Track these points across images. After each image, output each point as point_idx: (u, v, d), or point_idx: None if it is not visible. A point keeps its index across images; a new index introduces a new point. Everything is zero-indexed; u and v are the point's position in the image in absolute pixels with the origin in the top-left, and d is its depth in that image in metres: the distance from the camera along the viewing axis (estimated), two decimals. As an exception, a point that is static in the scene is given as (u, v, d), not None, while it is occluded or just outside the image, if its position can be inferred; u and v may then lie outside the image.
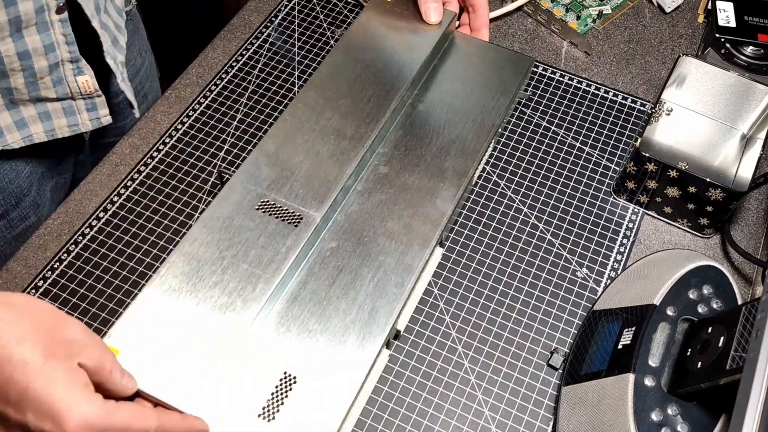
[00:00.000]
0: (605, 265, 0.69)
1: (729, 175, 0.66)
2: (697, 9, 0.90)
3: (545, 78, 0.83)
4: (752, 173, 0.66)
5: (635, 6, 0.91)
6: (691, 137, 0.69)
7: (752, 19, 0.83)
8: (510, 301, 0.67)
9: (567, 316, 0.66)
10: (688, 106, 0.71)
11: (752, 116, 0.70)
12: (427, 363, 0.63)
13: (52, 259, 0.68)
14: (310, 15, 0.88)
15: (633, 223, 0.72)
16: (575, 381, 0.59)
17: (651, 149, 0.68)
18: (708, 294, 0.60)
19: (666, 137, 0.69)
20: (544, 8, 0.88)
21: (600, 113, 0.80)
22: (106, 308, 0.65)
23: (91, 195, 0.73)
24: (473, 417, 0.61)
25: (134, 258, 0.68)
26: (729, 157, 0.67)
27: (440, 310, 0.66)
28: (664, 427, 0.54)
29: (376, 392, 0.61)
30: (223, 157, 0.75)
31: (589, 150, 0.77)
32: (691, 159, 0.67)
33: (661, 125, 0.69)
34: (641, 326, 0.58)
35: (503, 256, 0.69)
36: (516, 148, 0.77)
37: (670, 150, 0.68)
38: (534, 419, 0.61)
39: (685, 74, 0.73)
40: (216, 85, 0.81)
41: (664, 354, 0.57)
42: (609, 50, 0.86)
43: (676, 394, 0.55)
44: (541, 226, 0.72)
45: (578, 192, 0.74)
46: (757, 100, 0.71)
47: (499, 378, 0.63)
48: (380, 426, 0.60)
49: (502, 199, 0.73)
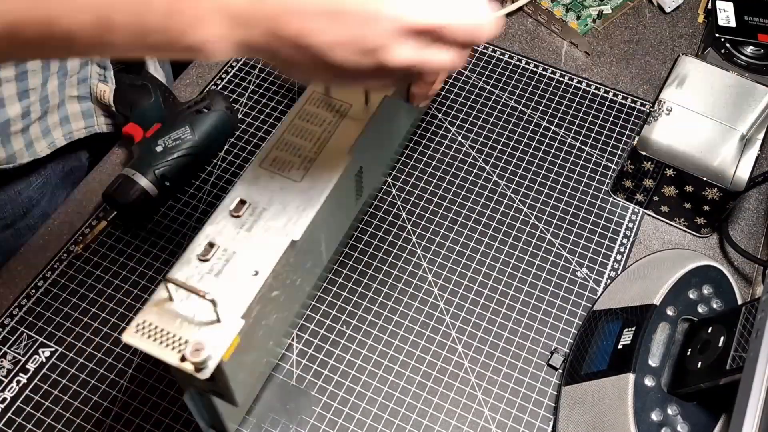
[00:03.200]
0: (605, 265, 0.69)
1: (727, 174, 0.66)
2: (697, 9, 0.90)
3: (545, 78, 0.83)
4: (750, 173, 0.66)
5: (635, 6, 0.91)
6: (690, 137, 0.69)
7: (752, 19, 0.83)
8: (510, 301, 0.67)
9: (567, 316, 0.66)
10: (687, 105, 0.71)
11: (751, 116, 0.70)
12: (427, 363, 0.63)
13: (52, 259, 0.68)
14: (310, 15, 0.88)
15: (633, 223, 0.72)
16: (575, 381, 0.59)
17: (649, 148, 0.68)
18: (708, 294, 0.60)
19: (664, 136, 0.69)
20: (544, 8, 0.88)
21: (600, 113, 0.80)
22: (106, 308, 0.65)
23: (91, 195, 0.73)
24: (473, 417, 0.61)
25: (134, 258, 0.68)
26: (728, 157, 0.67)
27: (440, 310, 0.66)
28: (664, 427, 0.54)
29: (376, 392, 0.62)
30: (223, 157, 0.75)
31: (589, 150, 0.77)
32: (689, 158, 0.67)
33: (660, 124, 0.69)
34: (641, 326, 0.58)
35: (503, 256, 0.69)
36: (516, 148, 0.77)
37: (668, 149, 0.68)
38: (534, 419, 0.61)
39: (685, 74, 0.73)
40: (216, 85, 0.81)
41: (664, 354, 0.57)
42: (609, 50, 0.86)
43: (676, 394, 0.55)
44: (541, 226, 0.72)
45: (578, 192, 0.74)
46: (757, 100, 0.71)
47: (499, 378, 0.63)
48: (380, 426, 0.60)
49: (502, 199, 0.73)
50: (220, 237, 0.49)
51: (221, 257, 0.48)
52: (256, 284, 0.47)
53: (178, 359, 0.44)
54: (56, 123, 0.70)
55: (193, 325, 0.45)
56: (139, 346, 0.44)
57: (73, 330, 0.64)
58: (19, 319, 0.64)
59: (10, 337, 0.63)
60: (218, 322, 0.45)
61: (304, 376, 0.62)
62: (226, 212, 0.50)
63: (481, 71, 0.83)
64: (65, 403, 0.60)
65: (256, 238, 0.49)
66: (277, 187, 0.51)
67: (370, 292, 0.67)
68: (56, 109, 0.70)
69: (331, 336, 0.64)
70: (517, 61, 0.84)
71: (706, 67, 0.73)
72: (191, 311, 0.46)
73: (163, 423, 0.59)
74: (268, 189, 0.51)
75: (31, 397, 0.60)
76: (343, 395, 0.61)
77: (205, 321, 0.45)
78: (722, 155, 0.67)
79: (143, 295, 0.66)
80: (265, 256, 0.49)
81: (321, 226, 0.54)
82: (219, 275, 0.48)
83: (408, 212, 0.72)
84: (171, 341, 0.44)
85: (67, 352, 0.63)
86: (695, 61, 0.74)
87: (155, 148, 0.69)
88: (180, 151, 0.69)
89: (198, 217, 0.71)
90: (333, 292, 0.67)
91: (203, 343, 0.44)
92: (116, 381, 0.61)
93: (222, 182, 0.73)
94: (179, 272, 0.47)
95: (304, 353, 0.63)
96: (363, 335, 0.64)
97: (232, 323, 0.45)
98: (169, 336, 0.45)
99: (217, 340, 0.44)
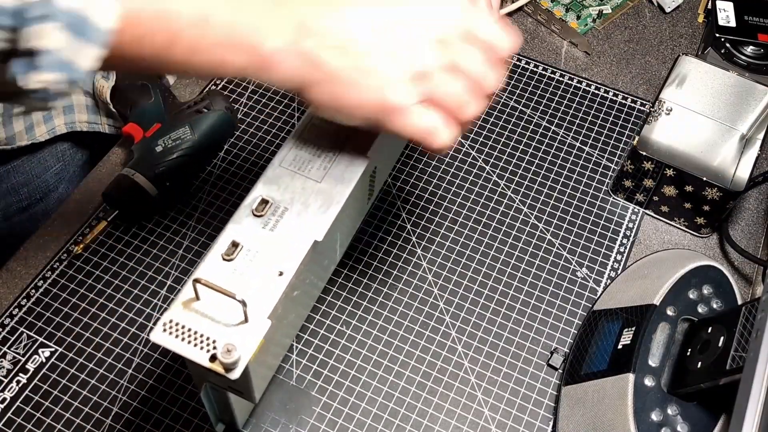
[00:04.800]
0: (605, 265, 0.69)
1: (727, 174, 0.66)
2: (697, 9, 0.90)
3: (545, 78, 0.83)
4: (749, 173, 0.66)
5: (635, 6, 0.91)
6: (690, 137, 0.69)
7: (752, 18, 0.83)
8: (510, 301, 0.67)
9: (567, 316, 0.66)
10: (687, 105, 0.71)
11: (751, 116, 0.70)
12: (427, 363, 0.63)
13: (52, 259, 0.68)
14: (310, 15, 0.88)
15: (633, 223, 0.72)
16: (575, 381, 0.59)
17: (649, 148, 0.68)
18: (708, 294, 0.60)
19: (664, 136, 0.68)
20: (544, 8, 0.88)
21: (600, 113, 0.80)
22: (106, 308, 0.65)
23: (91, 195, 0.72)
24: (473, 417, 0.61)
25: (134, 258, 0.68)
26: (728, 157, 0.67)
27: (440, 310, 0.66)
28: (664, 427, 0.54)
29: (376, 392, 0.61)
30: (223, 157, 0.75)
31: (589, 150, 0.77)
32: (689, 158, 0.67)
33: (660, 124, 0.69)
34: (641, 326, 0.58)
35: (503, 256, 0.69)
36: (516, 148, 0.77)
37: (668, 149, 0.68)
38: (534, 419, 0.61)
39: (685, 74, 0.73)
40: (216, 85, 0.81)
41: (664, 354, 0.57)
42: (609, 50, 0.86)
43: (676, 394, 0.55)
44: (541, 226, 0.72)
45: (578, 192, 0.74)
46: (757, 100, 0.71)
47: (499, 378, 0.63)
48: (380, 426, 0.60)
49: (502, 199, 0.73)
50: (243, 236, 0.49)
51: (245, 257, 0.48)
52: (281, 284, 0.48)
53: (207, 359, 0.44)
54: (59, 111, 0.71)
55: (221, 325, 0.45)
56: (167, 346, 0.45)
57: (73, 330, 0.64)
58: (19, 319, 0.64)
59: (10, 337, 0.63)
60: (246, 322, 0.45)
61: (304, 376, 0.62)
62: (248, 211, 0.50)
63: (481, 71, 0.83)
64: (65, 403, 0.60)
65: (279, 237, 0.49)
66: (299, 186, 0.52)
67: (370, 292, 0.67)
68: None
69: (331, 336, 0.64)
70: (517, 61, 0.84)
71: (706, 66, 0.73)
72: (219, 311, 0.46)
73: (162, 423, 0.59)
74: (289, 188, 0.52)
75: (31, 397, 0.60)
76: (343, 395, 0.61)
77: (233, 321, 0.45)
78: (722, 155, 0.67)
79: (143, 295, 0.66)
80: (289, 256, 0.49)
81: (339, 226, 0.54)
82: (243, 275, 0.48)
83: (408, 212, 0.72)
84: (199, 341, 0.45)
85: (67, 352, 0.63)
86: (695, 60, 0.74)
87: (155, 148, 0.69)
88: (180, 151, 0.69)
89: (198, 217, 0.71)
90: (333, 292, 0.67)
91: (235, 344, 0.44)
92: (116, 381, 0.61)
93: (222, 182, 0.73)
94: (204, 272, 0.48)
95: (304, 353, 0.63)
96: (363, 335, 0.64)
97: (260, 324, 0.46)
98: (197, 336, 0.45)
99: (246, 341, 0.45)
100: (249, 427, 0.59)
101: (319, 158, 0.53)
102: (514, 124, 0.79)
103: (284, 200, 0.51)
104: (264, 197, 0.51)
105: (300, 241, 0.49)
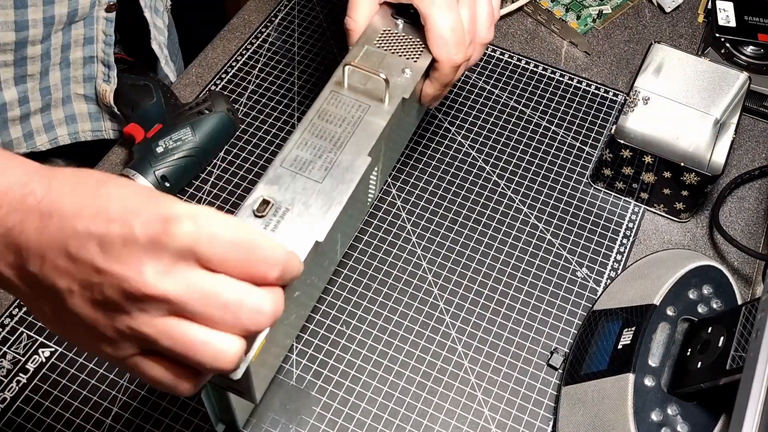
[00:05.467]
0: (605, 265, 0.69)
1: (704, 159, 0.67)
2: (697, 9, 0.90)
3: (545, 78, 0.83)
4: (725, 157, 0.67)
5: (635, 6, 0.91)
6: (666, 124, 0.69)
7: (752, 18, 0.83)
8: (510, 301, 0.67)
9: (567, 316, 0.66)
10: (662, 93, 0.71)
11: (725, 101, 0.70)
12: (427, 363, 0.63)
13: (52, 259, 0.68)
14: (310, 15, 0.88)
15: (633, 222, 0.72)
16: (575, 381, 0.59)
17: (626, 136, 0.68)
18: (708, 294, 0.60)
19: (641, 124, 0.69)
20: (544, 8, 0.88)
21: (600, 113, 0.80)
22: (106, 308, 0.65)
23: (91, 195, 0.73)
24: (473, 417, 0.61)
25: (134, 258, 0.68)
26: (703, 142, 0.68)
27: (440, 310, 0.66)
28: (664, 427, 0.54)
29: (376, 392, 0.62)
30: (223, 157, 0.75)
31: (589, 150, 0.77)
32: (665, 145, 0.68)
33: (636, 113, 0.69)
34: (641, 326, 0.58)
35: (503, 256, 0.69)
36: (516, 148, 0.77)
37: (644, 137, 0.68)
38: (534, 419, 0.61)
39: (657, 61, 0.73)
40: (216, 85, 0.81)
41: (664, 354, 0.57)
42: (609, 50, 0.86)
43: (676, 394, 0.55)
44: (541, 226, 0.72)
45: (578, 192, 0.74)
46: (729, 85, 0.71)
47: (499, 378, 0.63)
48: (380, 426, 0.60)
49: (502, 199, 0.73)
50: None
51: None
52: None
53: None
54: (61, 120, 0.71)
55: None
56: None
57: (73, 330, 0.64)
58: (19, 319, 0.64)
59: (9, 337, 0.63)
60: None
61: (304, 376, 0.62)
62: (249, 212, 0.50)
63: (481, 71, 0.83)
64: (65, 403, 0.60)
65: (280, 238, 0.49)
66: (299, 187, 0.52)
67: (370, 292, 0.67)
68: (60, 104, 0.70)
69: (331, 336, 0.64)
70: (517, 61, 0.84)
71: (679, 54, 0.74)
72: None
73: (162, 423, 0.60)
74: (290, 189, 0.52)
75: (31, 397, 0.60)
76: (343, 395, 0.61)
77: None
78: (697, 141, 0.68)
79: (143, 295, 0.66)
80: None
81: (340, 226, 0.54)
82: None
83: (408, 212, 0.72)
84: None
85: (67, 352, 0.63)
86: (667, 48, 0.74)
87: (156, 149, 0.69)
88: (180, 153, 0.69)
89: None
90: (333, 292, 0.67)
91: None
92: (116, 381, 0.61)
93: (222, 182, 0.73)
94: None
95: (304, 353, 0.63)
96: (363, 335, 0.64)
97: None
98: None
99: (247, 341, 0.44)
100: (249, 427, 0.59)
101: (319, 158, 0.54)
102: (514, 124, 0.79)
103: (285, 201, 0.51)
104: (265, 198, 0.51)
105: (301, 241, 0.49)
